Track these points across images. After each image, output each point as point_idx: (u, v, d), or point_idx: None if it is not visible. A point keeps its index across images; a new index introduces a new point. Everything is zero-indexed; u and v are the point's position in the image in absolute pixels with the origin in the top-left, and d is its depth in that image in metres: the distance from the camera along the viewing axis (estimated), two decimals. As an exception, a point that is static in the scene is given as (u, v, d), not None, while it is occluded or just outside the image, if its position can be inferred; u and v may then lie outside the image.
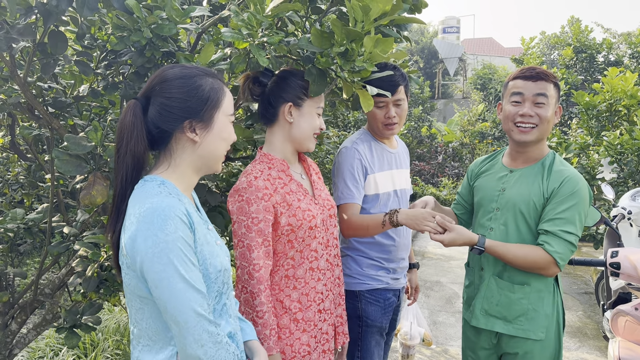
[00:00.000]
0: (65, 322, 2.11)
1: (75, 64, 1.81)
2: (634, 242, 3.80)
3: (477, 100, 16.31)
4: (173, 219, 1.19)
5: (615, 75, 6.27)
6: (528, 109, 1.96)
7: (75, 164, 1.76)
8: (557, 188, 1.93)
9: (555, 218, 1.90)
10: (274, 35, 1.54)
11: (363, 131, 2.39)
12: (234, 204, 1.75)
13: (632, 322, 2.37)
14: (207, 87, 1.31)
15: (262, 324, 1.70)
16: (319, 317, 1.88)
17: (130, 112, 1.28)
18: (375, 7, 1.52)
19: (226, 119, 1.35)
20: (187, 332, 1.19)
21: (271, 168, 1.83)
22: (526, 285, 1.99)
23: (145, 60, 1.62)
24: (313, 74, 1.71)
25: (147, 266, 1.18)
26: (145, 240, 1.18)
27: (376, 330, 2.33)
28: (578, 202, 1.90)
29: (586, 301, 5.42)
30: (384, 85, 2.14)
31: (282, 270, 1.81)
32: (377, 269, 2.31)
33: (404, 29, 2.15)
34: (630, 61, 12.07)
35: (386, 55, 1.59)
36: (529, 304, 1.98)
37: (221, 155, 1.37)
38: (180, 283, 1.18)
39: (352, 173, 2.21)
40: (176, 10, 1.54)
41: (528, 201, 1.98)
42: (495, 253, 1.93)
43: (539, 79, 1.96)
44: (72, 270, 2.24)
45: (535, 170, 2.02)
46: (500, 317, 2.04)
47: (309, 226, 1.81)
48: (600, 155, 5.51)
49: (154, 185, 1.28)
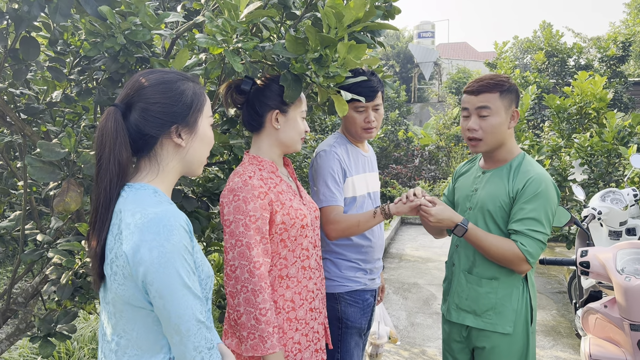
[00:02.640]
0: (40, 331, 2.08)
1: (48, 70, 1.80)
2: (605, 241, 3.90)
3: (452, 104, 16.52)
4: (178, 229, 1.19)
5: (585, 79, 6.42)
6: (472, 123, 2.04)
7: (48, 170, 1.74)
8: (521, 189, 1.98)
9: (524, 218, 1.96)
10: (249, 41, 1.55)
11: (338, 135, 2.42)
12: (230, 204, 1.74)
13: (602, 319, 2.43)
14: (190, 91, 1.31)
15: (266, 322, 1.70)
16: (311, 316, 1.91)
17: (111, 118, 1.25)
18: (349, 14, 1.55)
19: (208, 123, 1.36)
20: (187, 340, 1.19)
21: (261, 169, 1.86)
22: (494, 280, 2.05)
23: (119, 66, 1.62)
24: (288, 80, 1.73)
25: (152, 277, 1.17)
26: (151, 251, 1.17)
27: (356, 331, 2.36)
28: (543, 201, 1.96)
29: (560, 300, 5.53)
30: (364, 91, 2.21)
31: (276, 270, 1.83)
32: (356, 271, 2.34)
33: (378, 34, 2.19)
34: (599, 65, 12.40)
35: (359, 61, 1.61)
36: (496, 299, 2.05)
37: (204, 159, 1.38)
38: (185, 292, 1.19)
39: (333, 175, 2.24)
40: (150, 17, 1.54)
41: (495, 201, 2.04)
42: (475, 237, 1.98)
43: (480, 92, 2.02)
44: (46, 279, 2.21)
45: (503, 171, 2.09)
46: (470, 310, 2.11)
47: (301, 225, 1.85)
48: (572, 157, 5.64)
49: (149, 194, 1.27)
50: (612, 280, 2.24)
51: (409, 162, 12.72)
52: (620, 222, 3.83)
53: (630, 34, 12.66)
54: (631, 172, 4.62)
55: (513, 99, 2.05)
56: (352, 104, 2.26)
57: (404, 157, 12.93)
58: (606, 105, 6.35)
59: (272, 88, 1.85)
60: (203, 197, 2.27)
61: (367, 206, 2.38)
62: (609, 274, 2.26)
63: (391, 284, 6.09)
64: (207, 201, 2.28)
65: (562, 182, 5.31)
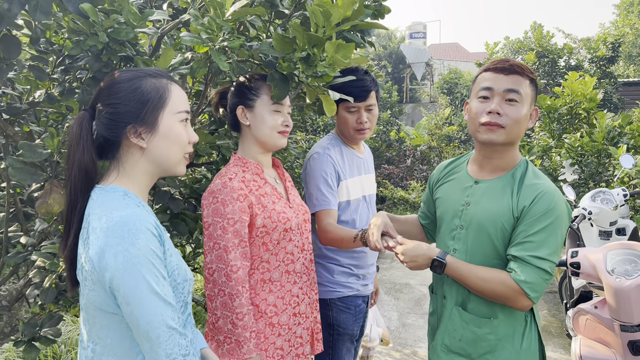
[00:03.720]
0: (24, 335, 2.04)
1: (30, 69, 1.76)
2: (595, 242, 3.90)
3: (444, 104, 16.56)
4: (144, 233, 1.16)
5: (575, 80, 6.45)
6: (497, 106, 1.63)
7: (30, 172, 1.70)
8: (528, 206, 1.60)
9: (526, 241, 1.58)
10: (235, 40, 1.52)
11: (333, 136, 2.36)
12: (209, 207, 1.73)
13: (592, 320, 2.43)
14: (147, 88, 1.26)
15: (242, 326, 1.68)
16: (294, 321, 1.88)
17: (76, 123, 1.25)
18: (336, 13, 1.53)
19: (174, 119, 1.29)
20: (158, 347, 1.16)
21: (245, 171, 1.83)
22: (493, 318, 1.68)
23: (103, 64, 1.58)
24: (275, 79, 1.70)
25: (118, 282, 1.14)
26: (116, 256, 1.14)
27: (347, 337, 2.32)
28: (554, 221, 1.58)
29: (550, 300, 5.54)
30: (356, 91, 2.16)
31: (258, 274, 1.80)
32: (348, 276, 2.30)
33: (368, 34, 2.16)
34: (589, 66, 12.48)
35: (347, 60, 1.59)
36: (496, 340, 1.67)
37: (175, 157, 1.31)
38: (153, 298, 1.15)
39: (326, 179, 2.17)
40: (133, 14, 1.51)
41: (495, 220, 1.65)
42: (457, 272, 1.64)
43: (513, 72, 1.64)
44: (30, 282, 2.17)
45: (504, 182, 1.70)
46: (463, 354, 1.72)
47: (284, 228, 1.81)
48: (562, 157, 5.65)
49: (118, 197, 1.24)
50: (602, 281, 2.24)
51: (401, 162, 12.72)
52: (611, 222, 3.83)
53: (620, 35, 12.74)
54: (621, 172, 4.63)
55: (536, 93, 1.71)
56: (344, 104, 2.21)
57: (395, 158, 12.92)
58: (596, 106, 6.37)
59: (239, 85, 1.85)
60: (190, 199, 2.23)
61: (362, 210, 2.33)
62: (599, 275, 2.25)
63: (383, 285, 6.08)
64: (194, 202, 2.24)
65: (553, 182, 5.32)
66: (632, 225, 3.86)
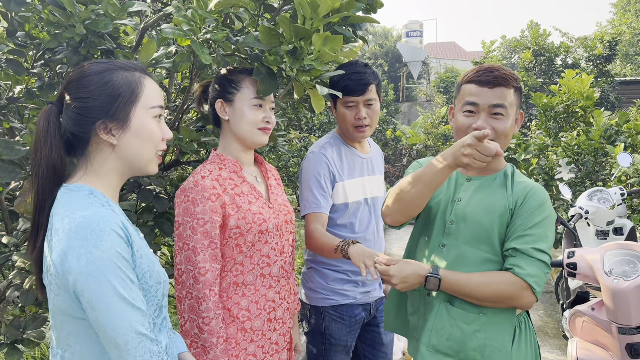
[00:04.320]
0: (6, 337, 1.98)
1: (7, 63, 1.70)
2: (592, 241, 3.86)
3: (440, 103, 16.54)
4: (109, 234, 1.09)
5: (572, 78, 6.41)
6: (482, 122, 1.62)
7: (8, 169, 1.65)
8: (522, 201, 1.63)
9: (526, 234, 1.58)
10: (218, 32, 1.46)
11: (333, 135, 2.26)
12: (180, 205, 1.66)
13: (590, 322, 2.38)
14: (119, 81, 1.19)
15: (209, 331, 1.61)
16: (269, 327, 1.80)
17: (43, 118, 1.18)
18: (324, 4, 1.47)
19: (147, 114, 1.22)
20: (127, 354, 1.09)
21: (222, 169, 1.75)
22: (482, 315, 1.63)
23: (81, 58, 1.52)
24: (262, 73, 1.64)
25: (82, 286, 1.08)
26: (79, 259, 1.07)
27: (341, 349, 2.21)
28: (548, 215, 1.62)
29: (547, 300, 5.50)
30: (354, 84, 2.08)
31: (231, 277, 1.72)
32: (344, 283, 2.19)
33: (360, 28, 2.10)
34: (586, 64, 12.46)
35: (335, 54, 1.53)
36: (486, 338, 1.62)
37: (148, 155, 1.24)
38: (119, 303, 1.08)
39: (319, 180, 2.09)
40: (112, 6, 1.45)
41: (491, 213, 1.65)
42: (455, 284, 1.58)
43: (497, 85, 1.62)
44: (11, 283, 2.11)
45: (497, 180, 1.72)
46: (452, 354, 1.65)
47: (259, 230, 1.73)
48: (559, 155, 5.61)
49: (83, 196, 1.17)
50: (600, 282, 2.19)
51: (397, 161, 12.69)
52: (607, 222, 3.79)
53: (617, 34, 12.74)
54: (618, 170, 4.58)
55: (521, 97, 1.71)
56: (342, 99, 2.11)
57: (392, 156, 12.89)
58: (593, 104, 6.34)
59: (219, 79, 1.77)
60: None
61: (363, 213, 2.21)
62: (596, 276, 2.20)
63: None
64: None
65: (549, 181, 5.27)
66: (629, 225, 3.81)
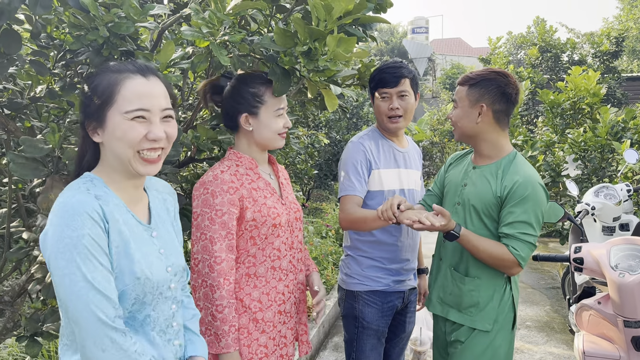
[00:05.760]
0: (26, 330, 2.04)
1: (30, 63, 1.75)
2: (598, 237, 3.89)
3: (446, 99, 16.52)
4: (81, 215, 1.15)
5: (579, 74, 6.42)
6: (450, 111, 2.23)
7: (31, 167, 1.70)
8: (508, 192, 1.97)
9: (514, 221, 1.95)
10: (236, 34, 1.51)
11: (372, 128, 2.42)
12: (199, 197, 1.73)
13: (596, 316, 2.42)
14: (102, 84, 1.24)
15: (221, 319, 1.66)
16: (279, 319, 1.86)
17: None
18: (338, 6, 1.51)
19: (121, 117, 1.23)
20: (86, 334, 1.13)
21: (239, 165, 1.82)
22: (477, 278, 2.05)
23: (103, 59, 1.57)
24: (277, 73, 1.69)
25: (51, 262, 1.14)
26: (53, 236, 1.14)
27: (372, 332, 2.30)
28: (532, 204, 1.95)
29: (553, 296, 5.53)
30: (388, 77, 2.24)
31: (243, 268, 1.79)
32: (378, 271, 2.30)
33: (370, 28, 2.14)
34: (593, 60, 12.41)
35: (349, 54, 1.58)
36: (478, 297, 2.04)
37: (125, 154, 1.25)
38: (82, 282, 1.12)
39: (355, 166, 2.23)
40: (134, 9, 1.50)
41: (483, 199, 2.03)
42: (469, 243, 1.96)
43: (459, 84, 2.14)
44: (32, 277, 2.17)
45: (493, 169, 2.06)
46: (453, 305, 2.11)
47: (273, 223, 1.80)
48: (565, 152, 5.63)
49: (79, 182, 1.26)
50: (606, 277, 2.22)
51: (403, 157, 12.71)
52: (614, 218, 3.82)
53: (623, 30, 12.66)
54: (624, 167, 4.61)
55: (483, 93, 2.02)
56: (377, 91, 2.27)
57: (398, 153, 12.92)
58: (600, 101, 6.34)
59: (241, 92, 1.81)
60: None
61: None
62: (602, 270, 2.24)
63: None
64: (196, 198, 2.23)
65: (556, 178, 5.30)
66: (635, 221, 3.84)
